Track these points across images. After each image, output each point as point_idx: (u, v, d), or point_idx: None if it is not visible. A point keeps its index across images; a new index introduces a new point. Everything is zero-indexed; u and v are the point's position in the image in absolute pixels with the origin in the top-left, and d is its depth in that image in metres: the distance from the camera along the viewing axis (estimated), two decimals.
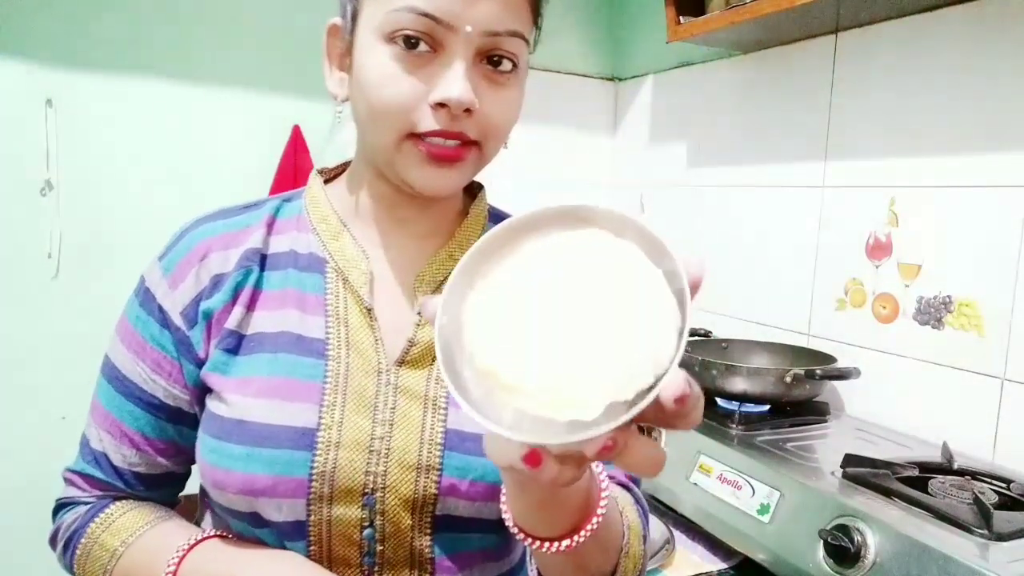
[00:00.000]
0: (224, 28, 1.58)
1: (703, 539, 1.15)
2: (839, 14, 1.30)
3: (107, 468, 0.67)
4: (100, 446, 0.66)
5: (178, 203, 1.54)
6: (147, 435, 0.66)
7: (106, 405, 0.66)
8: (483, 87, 0.59)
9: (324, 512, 0.60)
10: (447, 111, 0.57)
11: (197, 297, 0.63)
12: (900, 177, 1.28)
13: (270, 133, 1.63)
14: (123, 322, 0.67)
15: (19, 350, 1.47)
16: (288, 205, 0.70)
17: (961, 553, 0.78)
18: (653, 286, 0.35)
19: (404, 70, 0.57)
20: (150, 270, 0.66)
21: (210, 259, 0.64)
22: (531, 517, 0.49)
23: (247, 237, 0.66)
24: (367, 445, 0.60)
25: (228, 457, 0.59)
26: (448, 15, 0.56)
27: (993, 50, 1.14)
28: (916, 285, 1.25)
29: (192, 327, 0.63)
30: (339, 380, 0.61)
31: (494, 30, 0.57)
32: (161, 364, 0.64)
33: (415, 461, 0.61)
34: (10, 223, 1.44)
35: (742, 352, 1.44)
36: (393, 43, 0.57)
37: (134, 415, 0.65)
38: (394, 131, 0.59)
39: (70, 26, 1.45)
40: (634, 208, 1.97)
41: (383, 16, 0.57)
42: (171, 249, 0.66)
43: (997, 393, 1.13)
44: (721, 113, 1.67)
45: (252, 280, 0.64)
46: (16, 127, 1.43)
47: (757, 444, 1.13)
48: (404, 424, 0.61)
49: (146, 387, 0.65)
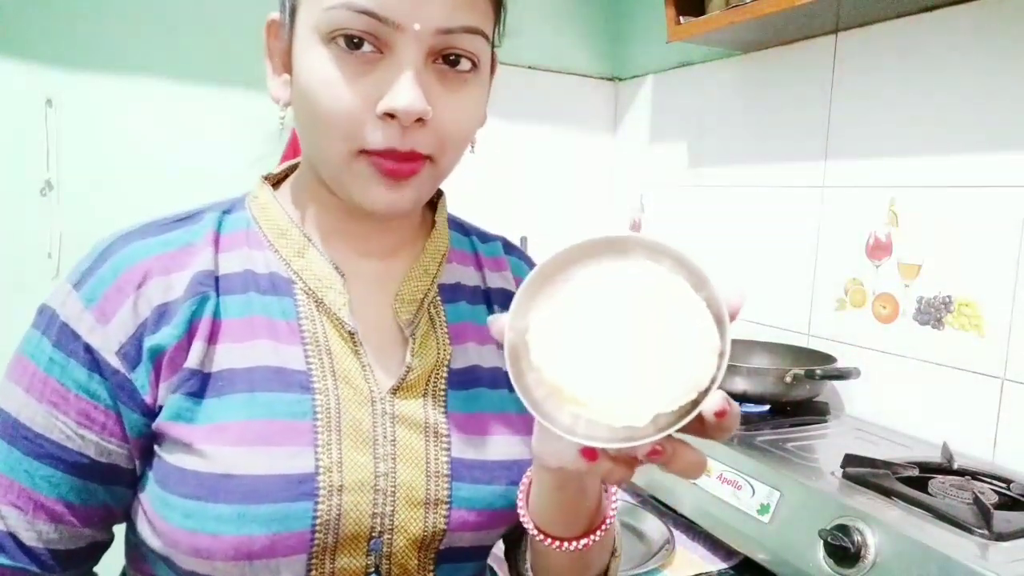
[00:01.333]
0: (224, 28, 1.58)
1: (703, 539, 1.15)
2: (839, 14, 1.29)
3: (14, 551, 0.53)
4: (1, 525, 0.53)
5: (178, 203, 1.54)
6: (71, 502, 0.53)
7: (6, 472, 0.53)
8: (437, 91, 0.52)
9: (327, 566, 0.53)
10: (396, 122, 0.50)
11: (138, 332, 0.53)
12: (900, 177, 1.28)
13: (270, 133, 1.63)
14: (24, 367, 0.54)
15: None
16: (229, 217, 0.61)
17: (961, 553, 0.78)
18: (694, 313, 0.41)
19: (347, 75, 0.50)
20: (62, 301, 0.54)
21: (149, 286, 0.54)
22: (555, 520, 0.53)
23: (191, 258, 0.56)
24: (372, 484, 0.54)
25: (215, 520, 0.50)
26: (392, 12, 0.48)
27: (993, 50, 1.14)
28: (916, 285, 1.25)
29: (134, 368, 0.52)
30: (331, 415, 0.54)
31: (446, 27, 0.50)
32: (91, 415, 0.52)
33: (423, 497, 0.56)
34: (10, 223, 1.44)
35: (742, 352, 1.44)
36: (333, 44, 0.50)
37: (52, 481, 0.52)
38: (342, 146, 0.52)
39: (70, 26, 1.45)
40: (635, 208, 1.97)
41: (320, 14, 0.50)
42: (91, 274, 0.55)
43: (997, 393, 1.13)
44: (721, 113, 1.67)
45: (209, 309, 0.54)
46: (16, 127, 1.43)
47: (757, 444, 1.13)
48: (407, 457, 0.56)
49: (70, 445, 0.52)
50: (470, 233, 0.71)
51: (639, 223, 1.96)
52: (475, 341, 0.63)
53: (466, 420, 0.59)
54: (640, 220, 1.95)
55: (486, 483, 0.58)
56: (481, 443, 0.59)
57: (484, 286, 0.67)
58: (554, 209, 2.00)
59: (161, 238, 0.57)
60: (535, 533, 0.54)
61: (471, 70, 0.53)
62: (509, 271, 0.70)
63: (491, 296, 0.67)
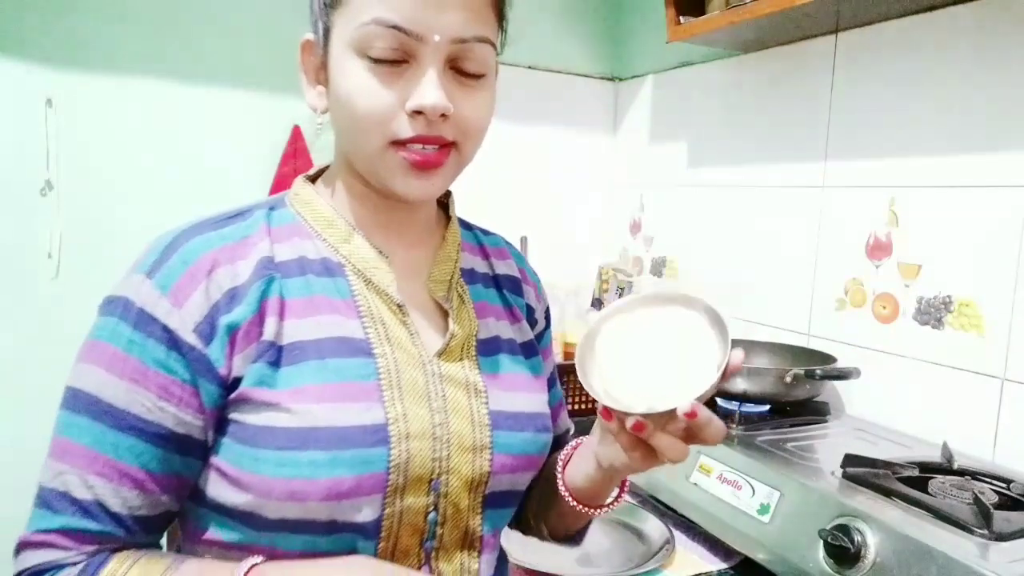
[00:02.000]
0: (224, 28, 1.58)
1: (703, 539, 1.15)
2: (839, 14, 1.30)
3: (103, 517, 0.59)
4: (89, 494, 0.58)
5: (178, 203, 1.54)
6: (151, 471, 0.59)
7: (92, 445, 0.59)
8: (456, 92, 0.61)
9: (397, 504, 0.62)
10: (424, 117, 0.60)
11: (212, 312, 0.59)
12: (900, 177, 1.28)
13: (270, 133, 1.63)
14: (101, 349, 0.60)
15: (19, 350, 1.47)
16: (275, 213, 0.68)
17: (961, 553, 0.78)
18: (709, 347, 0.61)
19: (380, 82, 0.60)
20: (135, 289, 0.60)
21: (218, 273, 0.61)
22: (589, 494, 0.71)
23: (251, 248, 0.64)
24: (431, 433, 0.63)
25: (309, 465, 0.57)
26: (416, 26, 0.58)
27: (993, 50, 1.14)
28: (916, 285, 1.25)
29: (209, 343, 0.59)
30: (391, 375, 0.63)
31: (461, 37, 0.60)
32: (170, 389, 0.59)
33: (471, 443, 0.66)
34: (10, 223, 1.44)
35: None
36: (366, 56, 0.59)
37: (134, 451, 0.59)
38: (376, 140, 0.61)
39: (69, 26, 1.45)
40: (635, 208, 1.97)
41: (354, 31, 0.59)
42: (161, 266, 0.61)
43: (997, 393, 1.13)
44: (721, 113, 1.67)
45: (275, 289, 0.62)
46: (16, 127, 1.43)
47: (757, 444, 1.13)
48: (456, 410, 0.66)
49: (151, 417, 0.59)
50: (472, 228, 0.82)
51: (639, 223, 1.96)
52: (493, 317, 0.75)
53: (495, 379, 0.70)
54: (640, 220, 1.95)
55: (519, 431, 0.69)
56: (510, 398, 0.70)
57: (492, 272, 0.79)
58: (554, 209, 2.01)
59: (219, 232, 0.64)
60: (573, 503, 0.72)
61: (482, 74, 0.63)
62: (512, 260, 0.82)
63: (500, 281, 0.79)
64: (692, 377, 0.59)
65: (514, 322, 0.77)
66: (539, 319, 0.82)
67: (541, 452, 0.71)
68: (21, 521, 0.65)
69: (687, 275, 1.79)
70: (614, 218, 2.05)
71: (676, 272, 1.82)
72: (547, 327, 0.85)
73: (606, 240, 2.08)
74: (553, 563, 1.07)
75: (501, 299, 0.77)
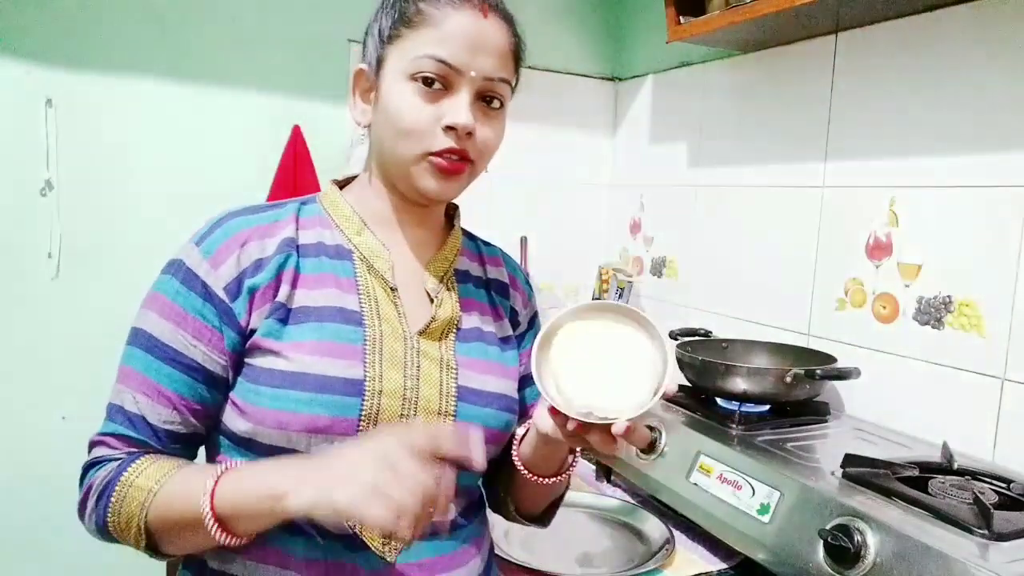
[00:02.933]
0: (224, 28, 1.58)
1: (703, 539, 1.15)
2: (839, 14, 1.30)
3: (143, 427, 0.74)
4: (136, 408, 0.74)
5: (178, 203, 1.54)
6: (183, 395, 0.74)
7: (142, 371, 0.74)
8: (479, 118, 0.77)
9: None
10: (455, 133, 0.75)
11: (240, 276, 0.75)
12: (900, 177, 1.28)
13: (270, 133, 1.63)
14: (156, 298, 0.76)
15: (19, 350, 1.48)
16: (306, 207, 0.83)
17: (961, 553, 0.78)
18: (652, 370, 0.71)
19: (423, 102, 0.75)
20: (187, 253, 0.76)
21: (250, 246, 0.76)
22: (539, 464, 0.83)
23: (279, 230, 0.79)
24: (400, 394, 0.76)
25: (294, 401, 0.71)
26: (460, 63, 0.75)
27: (992, 50, 1.14)
28: (916, 285, 1.25)
29: (235, 300, 0.74)
30: (375, 343, 0.76)
31: (491, 76, 0.77)
32: (201, 332, 0.74)
33: (436, 408, 0.78)
34: (10, 223, 1.45)
35: (742, 352, 1.44)
36: (415, 81, 0.75)
37: (172, 377, 0.74)
38: (415, 149, 0.76)
39: (70, 26, 1.45)
40: (635, 208, 1.97)
41: (410, 61, 0.75)
42: (208, 236, 0.77)
43: (997, 393, 1.13)
44: (721, 113, 1.67)
45: (292, 263, 0.77)
46: (16, 127, 1.43)
47: (757, 444, 1.13)
48: (427, 380, 0.78)
49: (186, 352, 0.74)
50: (476, 239, 0.96)
51: (639, 223, 1.96)
52: (478, 312, 0.87)
53: (469, 361, 0.82)
54: (640, 220, 1.95)
55: (483, 406, 0.81)
56: (480, 378, 0.82)
57: (485, 276, 0.92)
58: (554, 209, 2.01)
59: (257, 216, 0.79)
60: (524, 471, 0.84)
61: (499, 108, 0.80)
62: (504, 268, 0.95)
63: (490, 284, 0.92)
64: (631, 392, 0.69)
65: (497, 319, 0.89)
66: (522, 322, 0.94)
67: (503, 429, 0.83)
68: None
69: (687, 275, 1.79)
70: (614, 218, 2.05)
71: (676, 272, 1.82)
72: (529, 330, 0.95)
73: (606, 240, 2.08)
74: (553, 563, 1.07)
75: (488, 299, 0.90)
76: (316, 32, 1.66)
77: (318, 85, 1.67)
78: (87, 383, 1.58)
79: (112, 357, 0.77)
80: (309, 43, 1.66)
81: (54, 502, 1.41)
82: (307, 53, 1.66)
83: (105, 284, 1.50)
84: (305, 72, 1.66)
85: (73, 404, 1.50)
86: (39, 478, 1.47)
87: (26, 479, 1.48)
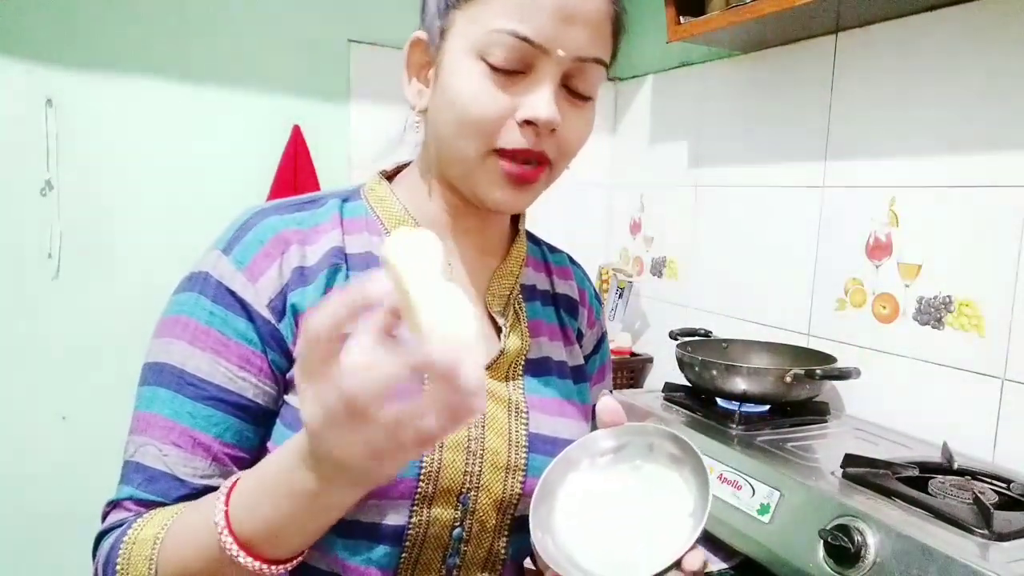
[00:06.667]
0: (224, 28, 1.58)
1: (703, 539, 1.15)
2: (839, 14, 1.30)
3: (170, 486, 0.59)
4: (162, 464, 0.59)
5: (178, 203, 1.55)
6: (226, 441, 0.60)
7: (171, 416, 0.59)
8: (564, 108, 0.61)
9: (424, 513, 0.61)
10: (533, 129, 0.60)
11: (283, 289, 0.61)
12: (900, 177, 1.28)
13: (270, 133, 1.63)
14: (181, 323, 0.61)
15: (19, 350, 1.48)
16: (348, 205, 0.68)
17: (961, 553, 0.78)
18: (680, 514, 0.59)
19: (493, 87, 0.59)
20: (214, 264, 0.61)
21: (290, 252, 0.62)
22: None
23: (322, 235, 0.64)
24: (465, 446, 0.63)
25: None
26: (543, 39, 0.58)
27: (992, 50, 1.14)
28: (916, 285, 1.25)
29: (280, 319, 0.61)
30: None
31: (582, 56, 0.60)
32: (250, 359, 0.60)
33: (505, 462, 0.64)
34: (10, 223, 1.44)
35: (742, 352, 1.44)
36: (485, 61, 0.59)
37: (211, 420, 0.59)
38: (480, 146, 0.60)
39: (70, 26, 1.45)
40: (635, 208, 1.97)
41: (480, 35, 0.59)
42: (239, 241, 0.62)
43: (997, 393, 1.13)
44: (721, 113, 1.67)
45: (341, 278, 0.63)
46: (16, 127, 1.43)
47: (757, 444, 1.13)
48: (493, 427, 0.65)
49: (232, 387, 0.59)
50: (540, 244, 0.81)
51: (639, 223, 1.96)
52: (547, 336, 0.73)
53: (541, 402, 0.69)
54: (640, 220, 1.95)
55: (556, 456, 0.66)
56: (552, 423, 0.68)
57: (552, 291, 0.77)
58: (553, 209, 1.99)
59: (294, 216, 0.64)
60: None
61: (589, 96, 0.64)
62: (574, 281, 0.80)
63: (558, 300, 0.77)
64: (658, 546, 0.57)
65: (567, 344, 0.76)
66: (586, 345, 0.80)
67: None
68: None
69: (687, 275, 1.79)
70: (614, 218, 2.05)
71: (676, 272, 1.82)
72: (593, 353, 0.81)
73: (606, 240, 2.08)
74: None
75: (558, 319, 0.76)
76: (316, 32, 1.66)
77: (318, 85, 1.67)
78: (87, 383, 1.59)
79: (112, 357, 0.75)
80: (309, 43, 1.66)
81: (54, 502, 1.41)
82: (307, 53, 1.66)
83: (105, 284, 1.50)
84: (305, 72, 1.66)
85: (73, 404, 1.50)
86: (39, 478, 1.47)
87: (26, 479, 1.48)
